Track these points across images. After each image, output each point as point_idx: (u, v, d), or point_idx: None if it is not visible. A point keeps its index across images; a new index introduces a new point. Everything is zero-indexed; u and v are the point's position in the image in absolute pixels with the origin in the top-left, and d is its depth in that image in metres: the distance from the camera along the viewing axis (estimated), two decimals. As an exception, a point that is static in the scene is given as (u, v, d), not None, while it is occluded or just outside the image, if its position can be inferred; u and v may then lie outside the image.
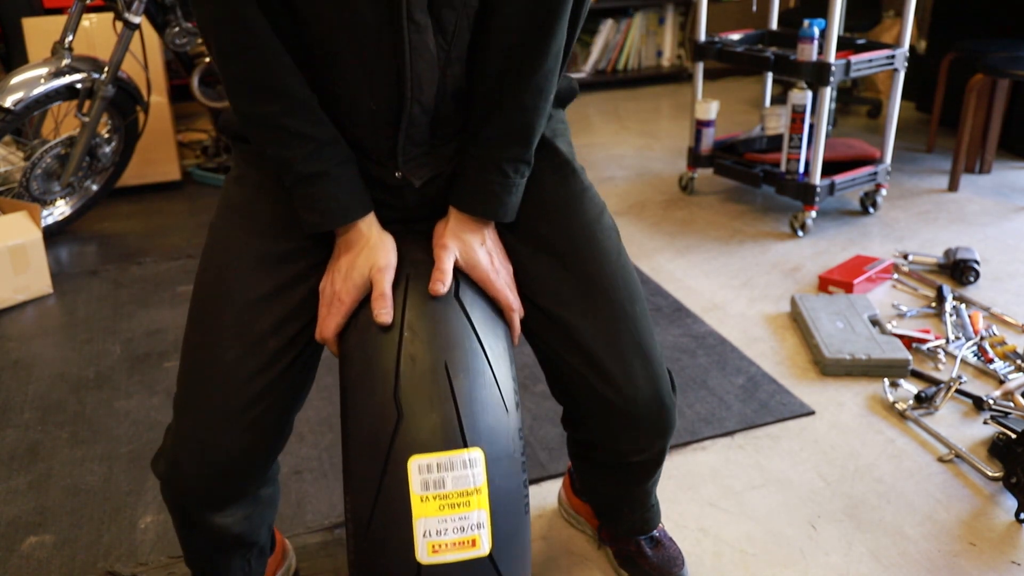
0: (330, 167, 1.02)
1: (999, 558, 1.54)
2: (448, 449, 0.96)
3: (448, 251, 1.06)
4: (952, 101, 3.66)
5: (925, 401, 1.95)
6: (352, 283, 1.05)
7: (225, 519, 1.17)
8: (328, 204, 1.03)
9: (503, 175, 1.07)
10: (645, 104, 4.70)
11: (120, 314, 2.47)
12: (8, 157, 2.92)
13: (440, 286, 1.03)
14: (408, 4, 0.96)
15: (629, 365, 1.13)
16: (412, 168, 1.09)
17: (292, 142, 1.00)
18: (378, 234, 1.07)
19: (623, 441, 1.19)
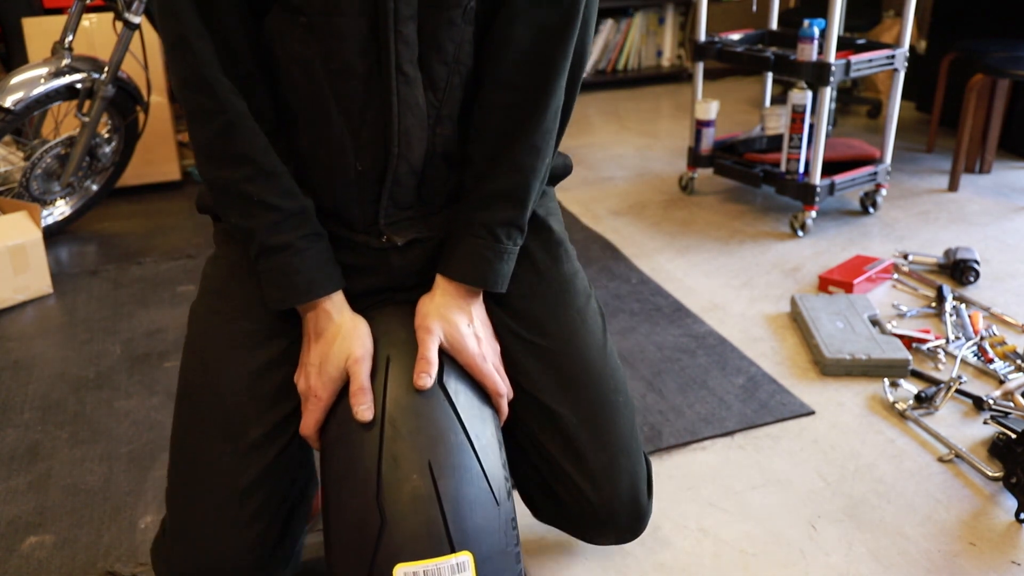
0: (294, 239, 0.97)
1: (999, 558, 1.54)
2: (435, 556, 0.91)
3: (432, 336, 1.00)
4: (952, 101, 3.66)
5: (925, 401, 1.95)
6: (327, 377, 0.99)
7: None
8: (291, 279, 0.98)
9: (496, 240, 1.02)
10: (645, 104, 4.70)
11: (120, 314, 2.47)
12: (8, 157, 2.92)
13: (426, 379, 0.97)
14: (397, 55, 0.93)
15: (611, 462, 1.10)
16: (395, 230, 1.05)
17: (255, 211, 0.96)
18: (350, 319, 1.00)
19: (593, 536, 1.19)
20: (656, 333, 2.31)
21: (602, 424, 1.10)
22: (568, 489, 1.11)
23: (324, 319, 1.00)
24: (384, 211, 1.03)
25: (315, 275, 0.98)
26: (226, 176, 0.95)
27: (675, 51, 5.16)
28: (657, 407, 1.98)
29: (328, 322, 1.00)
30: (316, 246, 0.99)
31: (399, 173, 1.00)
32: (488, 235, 1.02)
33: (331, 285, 1.00)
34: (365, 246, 1.06)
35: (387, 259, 1.07)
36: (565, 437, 1.09)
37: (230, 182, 0.95)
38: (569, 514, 1.15)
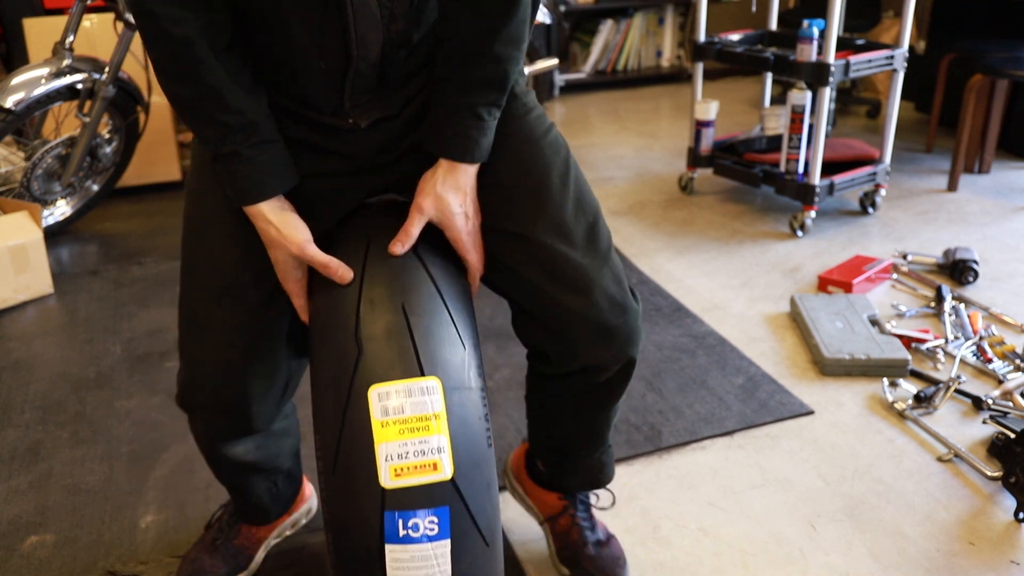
0: (241, 149, 1.06)
1: (998, 558, 1.54)
2: (406, 377, 1.00)
3: (422, 215, 1.10)
4: (951, 101, 3.66)
5: (924, 401, 1.96)
6: (286, 275, 1.12)
7: (235, 449, 1.30)
8: (240, 183, 1.08)
9: (479, 119, 1.10)
10: (645, 104, 4.70)
11: (121, 314, 2.48)
12: (9, 157, 2.92)
13: (399, 247, 1.08)
14: None
15: (590, 276, 1.17)
16: (359, 112, 1.12)
17: (205, 123, 1.05)
18: (279, 213, 1.10)
19: (594, 353, 1.20)
20: (656, 333, 2.32)
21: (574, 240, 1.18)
22: (555, 311, 1.18)
23: (263, 223, 1.10)
24: (348, 97, 1.11)
25: (262, 179, 1.08)
26: (177, 92, 1.04)
27: (675, 51, 5.16)
28: (657, 407, 1.98)
29: (267, 225, 1.10)
30: (263, 154, 1.07)
31: (360, 68, 1.08)
32: (472, 116, 1.10)
33: (273, 190, 1.09)
34: (333, 128, 1.14)
35: (355, 139, 1.15)
36: (541, 261, 1.16)
37: (182, 99, 1.05)
38: (565, 343, 1.20)
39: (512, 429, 1.90)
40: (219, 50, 1.03)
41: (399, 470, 0.99)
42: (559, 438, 1.39)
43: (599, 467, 1.43)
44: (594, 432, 1.37)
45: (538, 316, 1.20)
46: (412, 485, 0.99)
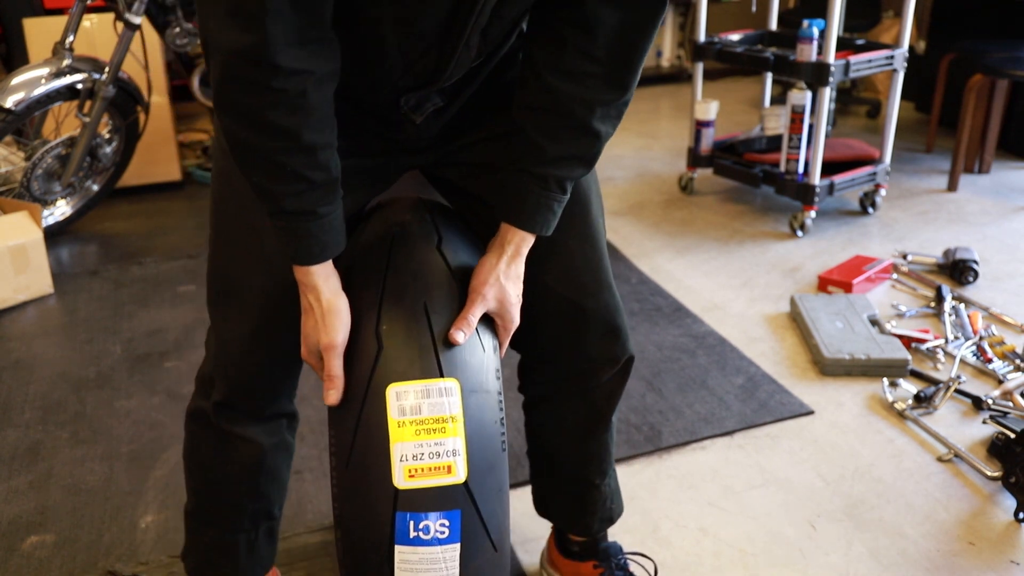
0: (316, 207, 0.99)
1: (998, 557, 1.54)
2: (425, 378, 1.00)
3: (484, 303, 1.06)
4: (951, 101, 3.66)
5: (924, 401, 1.96)
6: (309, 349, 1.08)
7: (251, 439, 1.24)
8: (303, 242, 1.00)
9: (563, 192, 1.08)
10: (645, 104, 4.70)
11: (121, 314, 2.48)
12: (9, 157, 2.92)
13: (460, 336, 1.02)
14: (469, 34, 0.97)
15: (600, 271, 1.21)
16: (413, 107, 1.09)
17: (284, 177, 0.96)
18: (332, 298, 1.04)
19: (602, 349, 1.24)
20: (656, 333, 2.32)
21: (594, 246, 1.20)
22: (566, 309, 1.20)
23: (307, 295, 1.05)
24: (405, 101, 1.08)
25: (328, 239, 1.02)
26: (258, 143, 0.93)
27: (675, 51, 5.16)
28: (657, 407, 1.98)
29: (310, 302, 1.05)
30: (334, 212, 1.01)
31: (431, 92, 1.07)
32: (559, 189, 1.07)
33: (336, 250, 1.04)
34: (383, 117, 1.11)
35: (402, 127, 1.12)
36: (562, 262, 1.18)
37: (263, 150, 0.94)
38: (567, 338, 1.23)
39: (512, 429, 1.90)
40: (328, 101, 0.95)
41: (413, 471, 0.99)
42: (568, 465, 1.38)
43: (611, 497, 1.42)
44: (600, 451, 1.37)
45: (547, 317, 1.20)
46: (425, 487, 0.99)
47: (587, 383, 1.28)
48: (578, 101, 1.03)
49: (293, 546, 1.58)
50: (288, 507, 1.67)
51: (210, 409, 1.24)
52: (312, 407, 1.98)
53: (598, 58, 1.01)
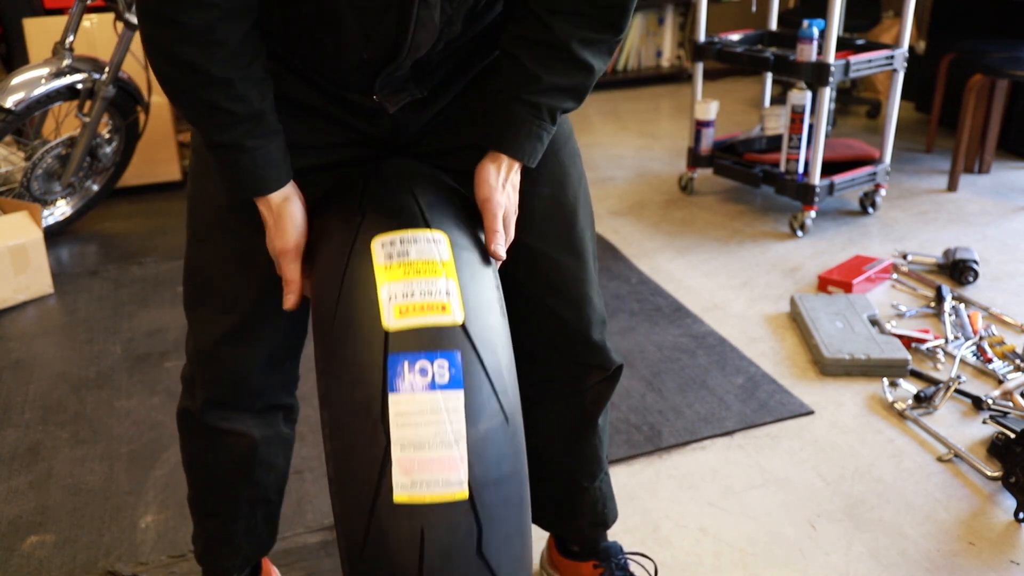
0: (243, 139, 1.00)
1: (998, 557, 1.54)
2: (410, 227, 0.95)
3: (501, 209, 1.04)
4: (951, 101, 3.66)
5: (924, 401, 1.96)
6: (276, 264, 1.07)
7: (242, 434, 1.24)
8: (239, 176, 1.02)
9: (552, 122, 1.08)
10: (645, 104, 4.70)
11: (121, 314, 2.48)
12: (9, 157, 2.92)
13: (500, 249, 1.02)
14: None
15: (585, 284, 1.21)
16: (388, 96, 1.08)
17: (206, 111, 0.98)
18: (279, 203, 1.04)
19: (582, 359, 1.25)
20: (656, 333, 2.32)
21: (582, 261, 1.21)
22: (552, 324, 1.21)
23: (262, 204, 1.04)
24: (379, 83, 1.06)
25: (263, 172, 1.02)
26: (181, 81, 0.97)
27: (675, 51, 5.16)
28: (657, 407, 1.98)
29: (266, 207, 1.04)
30: (266, 145, 1.01)
31: (402, 64, 1.05)
32: (549, 119, 1.07)
33: (276, 184, 1.04)
34: (356, 104, 1.10)
35: (378, 118, 1.11)
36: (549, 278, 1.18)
37: (184, 86, 0.97)
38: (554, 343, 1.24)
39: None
40: (239, 36, 0.96)
41: (403, 309, 0.89)
42: (555, 466, 1.37)
43: (602, 500, 1.40)
44: (588, 454, 1.36)
45: (530, 320, 1.20)
46: (418, 326, 0.89)
47: (574, 386, 1.28)
48: (574, 37, 1.04)
49: (293, 546, 1.58)
50: (288, 507, 1.67)
51: (196, 409, 1.24)
52: (312, 407, 1.98)
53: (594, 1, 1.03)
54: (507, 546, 0.91)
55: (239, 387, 1.22)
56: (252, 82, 0.99)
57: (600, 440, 1.37)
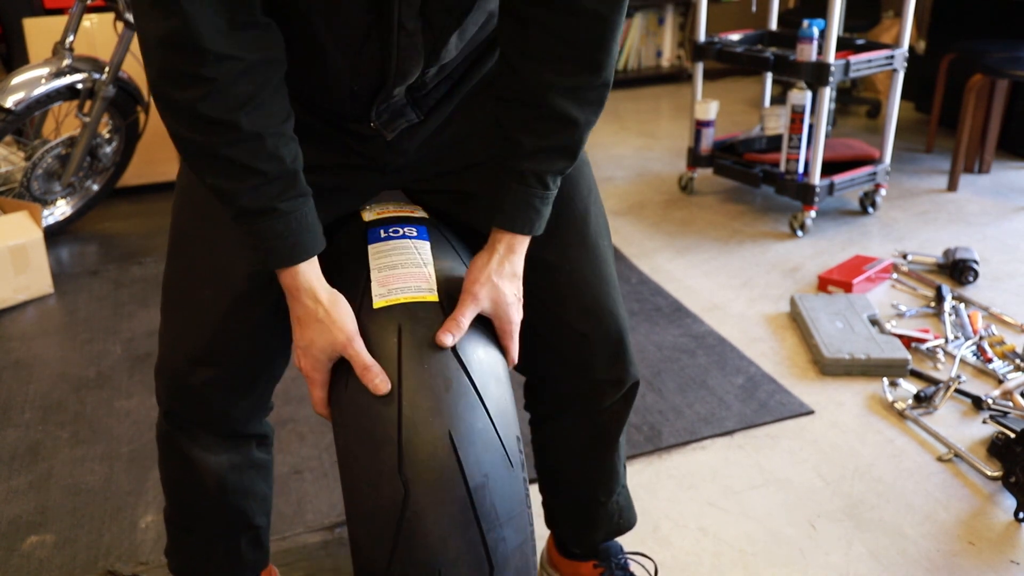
0: (277, 203, 0.94)
1: (998, 557, 1.54)
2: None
3: (476, 304, 1.00)
4: (951, 101, 3.66)
5: (924, 401, 1.96)
6: (315, 360, 0.99)
7: (209, 458, 1.19)
8: (272, 243, 0.95)
9: (545, 188, 1.03)
10: (645, 104, 4.70)
11: (121, 314, 2.48)
12: (9, 157, 2.92)
13: (448, 338, 0.96)
14: (400, 13, 0.93)
15: (604, 296, 1.17)
16: (385, 123, 1.06)
17: (236, 173, 0.92)
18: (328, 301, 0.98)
19: (604, 372, 1.20)
20: (656, 333, 2.32)
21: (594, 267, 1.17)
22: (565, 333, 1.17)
23: (302, 299, 0.98)
24: (375, 112, 1.04)
25: (298, 238, 0.96)
26: (204, 141, 0.90)
27: (675, 51, 5.16)
28: (657, 407, 1.98)
29: (307, 306, 0.98)
30: (300, 209, 0.95)
31: (392, 93, 1.02)
32: (538, 184, 1.02)
33: (313, 249, 0.97)
34: (355, 133, 1.08)
35: (376, 143, 1.09)
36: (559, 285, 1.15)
37: (209, 146, 0.90)
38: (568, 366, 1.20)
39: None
40: (268, 91, 0.91)
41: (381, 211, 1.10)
42: (573, 484, 1.35)
43: (618, 512, 1.38)
44: (606, 471, 1.33)
45: (547, 338, 1.17)
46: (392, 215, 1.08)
47: (592, 405, 1.25)
48: (550, 87, 0.98)
49: (293, 546, 1.58)
50: (288, 507, 1.67)
51: (166, 428, 1.20)
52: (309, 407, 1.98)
53: (566, 38, 0.96)
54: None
55: (204, 410, 1.17)
56: (284, 139, 0.93)
57: (619, 458, 1.35)
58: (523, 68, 0.98)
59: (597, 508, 1.37)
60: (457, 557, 0.91)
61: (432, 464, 0.91)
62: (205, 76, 0.86)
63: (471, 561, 0.92)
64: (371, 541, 0.93)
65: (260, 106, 0.90)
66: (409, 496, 0.90)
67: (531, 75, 0.98)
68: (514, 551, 0.96)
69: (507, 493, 0.95)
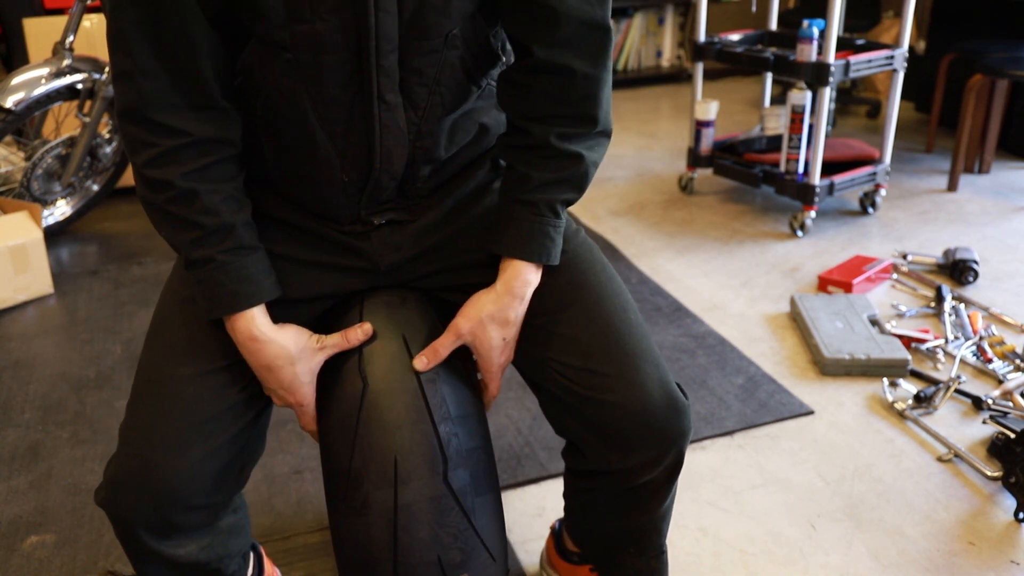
0: (215, 254, 1.00)
1: (998, 557, 1.54)
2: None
3: (458, 338, 1.05)
4: (951, 101, 3.66)
5: (924, 401, 1.96)
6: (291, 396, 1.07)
7: (177, 550, 1.08)
8: (215, 291, 1.01)
9: (556, 216, 1.06)
10: (645, 104, 4.70)
11: (121, 314, 2.48)
12: (9, 157, 2.92)
13: (423, 362, 1.05)
14: (379, 85, 0.98)
15: (635, 368, 1.06)
16: (374, 212, 1.10)
17: (178, 227, 1.00)
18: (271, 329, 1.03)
19: (636, 452, 1.07)
20: (656, 333, 2.32)
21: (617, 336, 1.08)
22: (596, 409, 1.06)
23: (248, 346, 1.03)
24: (364, 207, 1.08)
25: (238, 287, 1.01)
26: (150, 197, 1.00)
27: (675, 51, 5.16)
28: (657, 407, 1.98)
29: (258, 342, 1.03)
30: (240, 260, 1.01)
31: (380, 181, 1.06)
32: (549, 212, 1.05)
33: (253, 299, 1.02)
34: (346, 246, 1.11)
35: (366, 235, 1.11)
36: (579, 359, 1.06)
37: (155, 203, 1.00)
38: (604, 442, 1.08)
39: (512, 428, 1.89)
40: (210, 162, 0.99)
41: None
42: (605, 537, 1.26)
43: (648, 571, 1.26)
44: (643, 533, 1.22)
45: (574, 406, 1.08)
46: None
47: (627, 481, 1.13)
48: (551, 135, 1.04)
49: (293, 546, 1.58)
50: (288, 507, 1.67)
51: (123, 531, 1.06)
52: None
53: (562, 99, 1.03)
54: None
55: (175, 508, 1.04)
56: (221, 196, 1.00)
57: (658, 525, 1.22)
58: (527, 126, 1.05)
59: (625, 558, 1.26)
60: (412, 446, 1.00)
61: (388, 361, 1.04)
62: (151, 143, 0.97)
63: (425, 452, 1.01)
64: (336, 435, 1.03)
65: (201, 170, 0.99)
66: (367, 387, 1.02)
67: (535, 130, 1.05)
68: (469, 452, 1.04)
69: (458, 394, 1.06)
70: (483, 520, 1.04)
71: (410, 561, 1.00)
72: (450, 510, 1.01)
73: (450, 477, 1.01)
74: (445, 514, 1.01)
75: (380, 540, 1.00)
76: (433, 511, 1.00)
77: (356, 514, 1.01)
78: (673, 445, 1.09)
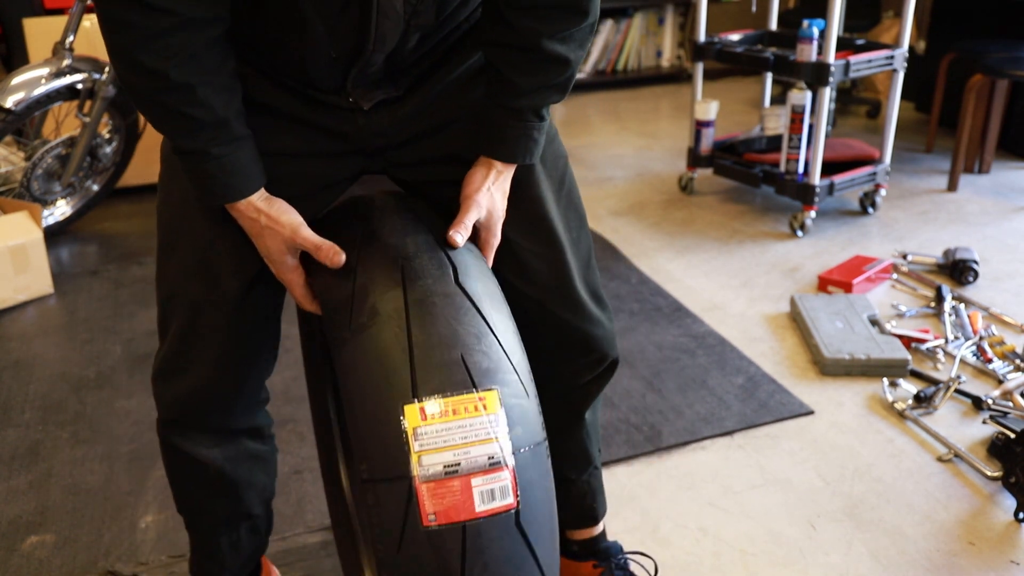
0: (207, 146, 0.99)
1: (998, 557, 1.54)
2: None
3: (479, 208, 1.06)
4: (951, 101, 3.66)
5: (924, 401, 1.96)
6: (280, 264, 1.06)
7: (202, 451, 1.23)
8: (205, 182, 1.01)
9: (540, 119, 1.08)
10: (645, 104, 4.70)
11: (121, 314, 2.48)
12: (9, 157, 2.92)
13: (458, 237, 1.03)
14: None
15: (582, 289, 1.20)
16: (361, 94, 1.08)
17: (168, 117, 0.98)
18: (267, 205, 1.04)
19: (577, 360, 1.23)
20: (656, 333, 2.32)
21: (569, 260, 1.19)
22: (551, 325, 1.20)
23: (250, 214, 1.04)
24: (352, 80, 1.06)
25: (230, 180, 1.01)
26: (139, 85, 0.96)
27: (675, 51, 5.16)
28: (657, 407, 1.98)
29: (255, 215, 1.04)
30: (232, 153, 1.00)
31: (371, 60, 1.04)
32: (535, 116, 1.08)
33: (245, 190, 1.03)
34: (331, 105, 1.09)
35: (354, 119, 1.10)
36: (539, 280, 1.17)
37: (144, 91, 0.96)
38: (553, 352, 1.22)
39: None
40: (200, 44, 0.95)
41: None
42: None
43: (590, 494, 1.39)
44: (575, 446, 1.34)
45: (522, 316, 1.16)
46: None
47: (564, 382, 1.27)
48: (540, 35, 1.03)
49: (293, 546, 1.58)
50: (288, 507, 1.67)
51: (163, 428, 1.24)
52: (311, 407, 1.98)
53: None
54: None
55: (193, 407, 1.20)
56: (215, 88, 0.97)
57: (588, 434, 1.35)
58: (514, 19, 1.03)
59: (566, 486, 1.36)
60: (417, 251, 0.99)
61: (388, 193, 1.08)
62: (135, 24, 0.92)
63: (432, 255, 0.99)
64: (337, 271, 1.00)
65: (192, 58, 0.95)
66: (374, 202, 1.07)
67: (522, 25, 1.03)
68: (473, 261, 1.01)
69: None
70: (506, 337, 0.95)
71: (430, 360, 0.89)
72: (467, 310, 0.93)
73: (461, 280, 0.96)
74: (462, 312, 0.93)
75: (393, 344, 0.90)
76: (448, 307, 0.93)
77: (363, 329, 0.92)
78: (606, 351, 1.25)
